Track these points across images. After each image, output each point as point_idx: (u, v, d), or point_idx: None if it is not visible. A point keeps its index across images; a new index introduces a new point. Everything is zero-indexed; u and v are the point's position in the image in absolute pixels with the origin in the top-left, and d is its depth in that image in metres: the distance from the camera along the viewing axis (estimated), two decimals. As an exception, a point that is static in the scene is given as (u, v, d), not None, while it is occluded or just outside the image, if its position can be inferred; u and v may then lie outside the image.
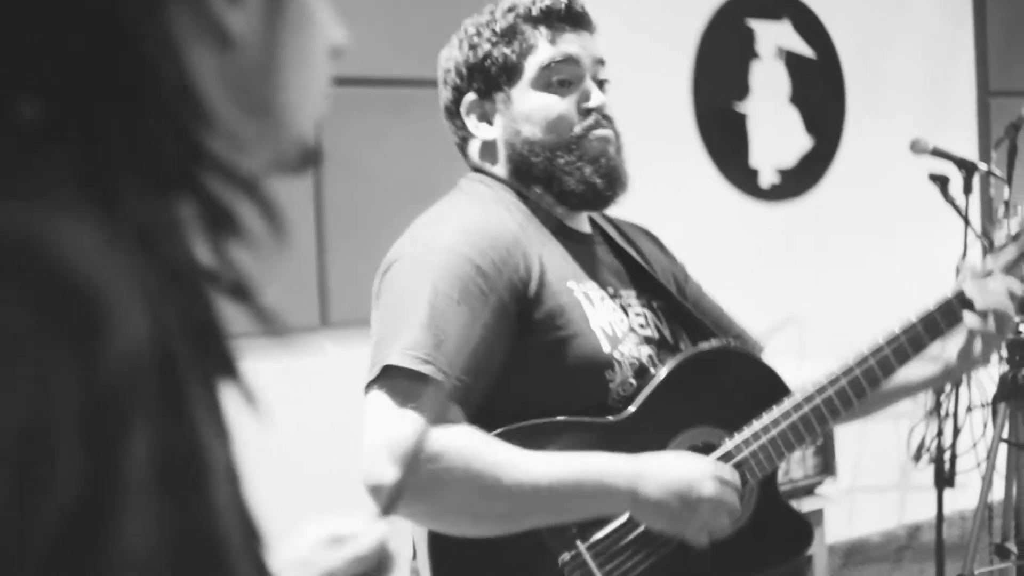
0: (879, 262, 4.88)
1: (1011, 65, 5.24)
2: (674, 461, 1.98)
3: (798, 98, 4.75)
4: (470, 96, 2.15)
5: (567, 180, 2.12)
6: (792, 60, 4.73)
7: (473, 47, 2.13)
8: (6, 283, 0.70)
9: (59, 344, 0.70)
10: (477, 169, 2.22)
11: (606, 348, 2.05)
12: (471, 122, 2.17)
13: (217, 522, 0.81)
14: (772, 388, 2.15)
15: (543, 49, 2.11)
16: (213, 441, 0.81)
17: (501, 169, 2.18)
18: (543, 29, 2.12)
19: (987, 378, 4.36)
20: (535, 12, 2.12)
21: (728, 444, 2.09)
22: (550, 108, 2.11)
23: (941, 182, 3.71)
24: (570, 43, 2.13)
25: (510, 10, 2.13)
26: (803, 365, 2.37)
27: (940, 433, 4.11)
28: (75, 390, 0.70)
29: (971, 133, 5.20)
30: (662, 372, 2.10)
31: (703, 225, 4.50)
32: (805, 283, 4.71)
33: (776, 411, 2.11)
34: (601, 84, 2.18)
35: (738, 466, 2.07)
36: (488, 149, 2.19)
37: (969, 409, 4.39)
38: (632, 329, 2.13)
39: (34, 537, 0.71)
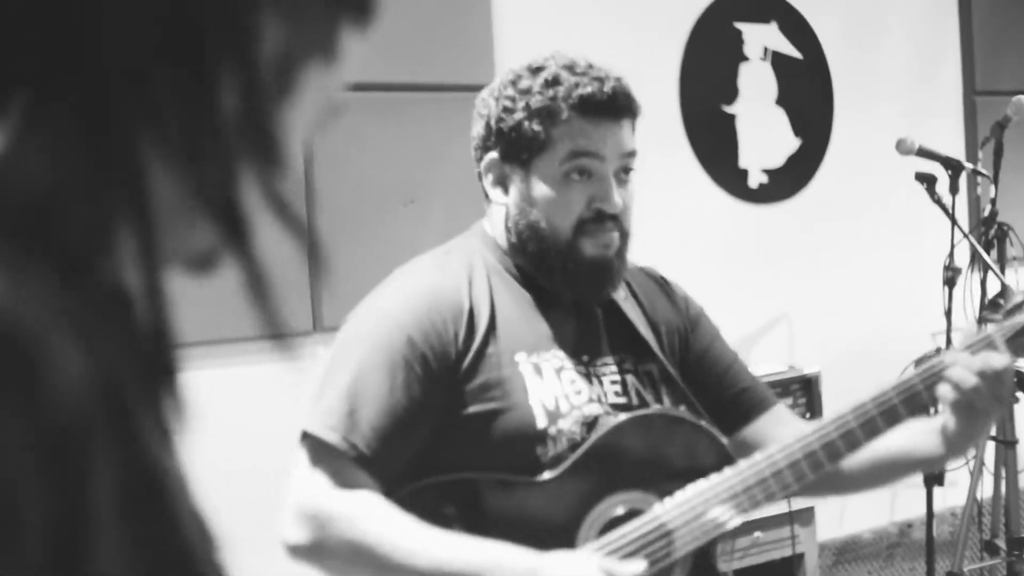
0: (867, 261, 4.90)
1: (997, 65, 5.26)
2: (564, 561, 1.90)
3: (786, 99, 4.76)
4: (493, 155, 2.13)
5: (551, 281, 2.10)
6: (779, 62, 4.75)
7: (508, 110, 2.09)
8: None
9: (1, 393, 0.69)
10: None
11: (541, 423, 2.03)
12: (487, 181, 2.15)
13: (182, 534, 0.81)
14: (713, 454, 2.09)
15: (572, 138, 2.06)
16: (167, 458, 0.81)
17: (499, 234, 2.17)
18: (579, 116, 2.07)
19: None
20: (574, 98, 2.06)
21: (657, 510, 2.02)
22: (559, 199, 2.07)
23: (928, 182, 3.73)
24: (602, 136, 2.08)
25: (551, 85, 2.07)
26: (793, 364, 2.40)
27: (929, 431, 4.12)
28: (25, 438, 0.69)
29: (957, 133, 5.22)
30: (596, 435, 2.06)
31: (692, 227, 4.52)
32: (794, 283, 4.73)
33: (714, 480, 2.03)
34: (627, 172, 2.14)
35: (667, 534, 2.01)
36: (496, 215, 2.17)
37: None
38: (593, 399, 2.09)
39: None
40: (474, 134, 2.16)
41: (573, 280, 2.09)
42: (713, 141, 4.60)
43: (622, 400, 2.12)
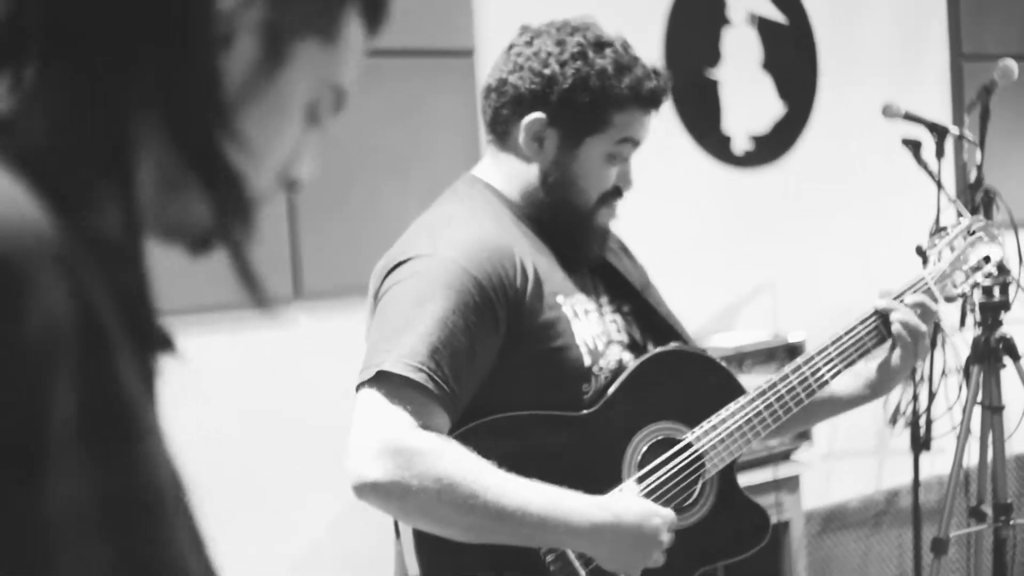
0: (853, 227, 4.87)
1: (983, 28, 5.23)
2: (624, 500, 2.13)
3: (771, 64, 4.73)
4: (539, 115, 2.23)
5: (564, 236, 2.29)
6: (764, 26, 4.71)
7: (580, 87, 2.20)
8: None
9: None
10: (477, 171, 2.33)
11: (587, 362, 2.21)
12: (524, 136, 2.24)
13: (151, 477, 0.83)
14: (728, 387, 2.36)
15: (628, 127, 2.24)
16: (144, 405, 0.84)
17: (513, 188, 2.29)
18: (639, 107, 2.24)
19: (961, 342, 4.37)
20: (643, 92, 2.23)
21: (689, 436, 2.28)
22: (598, 175, 2.26)
23: (914, 146, 3.71)
24: (645, 127, 2.29)
25: (622, 71, 2.21)
26: (778, 331, 2.45)
27: (915, 398, 4.12)
28: None
29: (944, 97, 5.19)
30: (626, 373, 2.26)
31: (677, 192, 4.49)
32: (779, 250, 4.71)
33: (732, 407, 2.31)
34: None
35: (699, 457, 2.26)
36: (516, 167, 2.28)
37: (944, 373, 4.39)
38: (610, 338, 2.28)
39: None
40: (516, 82, 2.23)
41: (585, 240, 2.31)
42: (697, 106, 4.56)
43: (622, 337, 2.33)
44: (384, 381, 2.03)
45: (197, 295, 3.21)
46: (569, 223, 2.28)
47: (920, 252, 2.69)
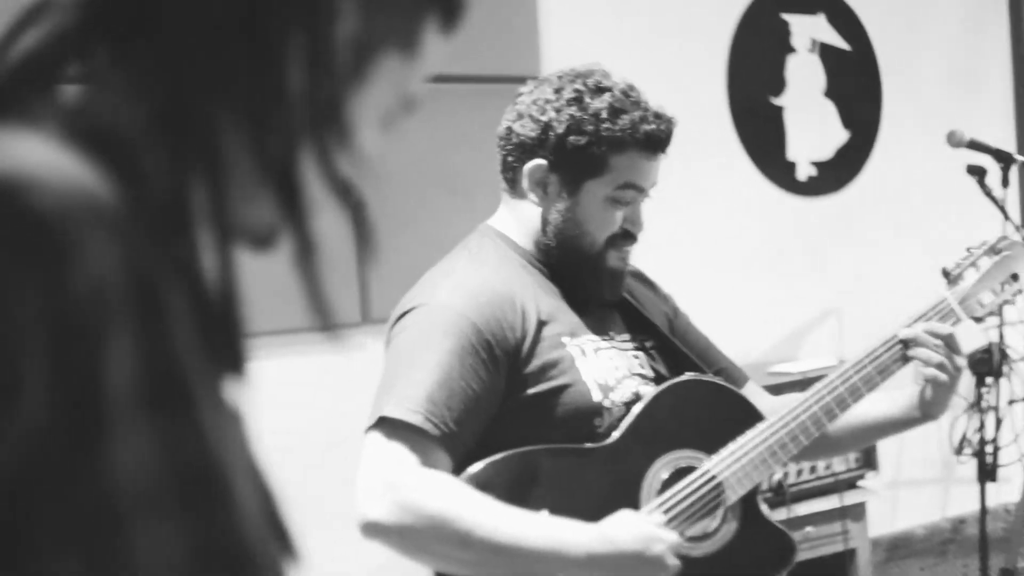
0: (917, 254, 4.83)
1: (1048, 55, 5.19)
2: (624, 521, 2.12)
3: (834, 91, 4.72)
4: (541, 162, 2.26)
5: (575, 280, 2.31)
6: (827, 53, 4.71)
7: (575, 131, 2.23)
8: None
9: (19, 268, 0.73)
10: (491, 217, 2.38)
11: (596, 397, 2.23)
12: (527, 183, 2.28)
13: (213, 448, 0.82)
14: (746, 414, 2.35)
15: (628, 171, 2.24)
16: (200, 371, 0.83)
17: (525, 234, 2.34)
18: (638, 151, 2.24)
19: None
20: (640, 134, 2.23)
21: (707, 464, 2.28)
22: (601, 219, 2.27)
23: (979, 174, 3.68)
24: (649, 172, 2.28)
25: (617, 114, 2.23)
26: (843, 358, 2.43)
27: (982, 426, 4.08)
28: (36, 311, 0.73)
29: (1008, 124, 5.16)
30: (641, 404, 2.27)
31: (740, 220, 4.49)
32: (844, 277, 4.68)
33: (751, 433, 2.30)
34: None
35: (717, 485, 2.27)
36: (525, 213, 2.32)
37: (1011, 402, 4.35)
38: (632, 372, 2.31)
39: (2, 459, 0.73)
40: (519, 130, 2.28)
41: (595, 282, 2.32)
42: (761, 134, 4.57)
43: (646, 372, 2.35)
44: (385, 425, 2.11)
45: (264, 318, 3.23)
46: (577, 266, 2.30)
47: (945, 274, 2.68)
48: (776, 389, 3.28)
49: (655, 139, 2.25)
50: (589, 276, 2.31)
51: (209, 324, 0.85)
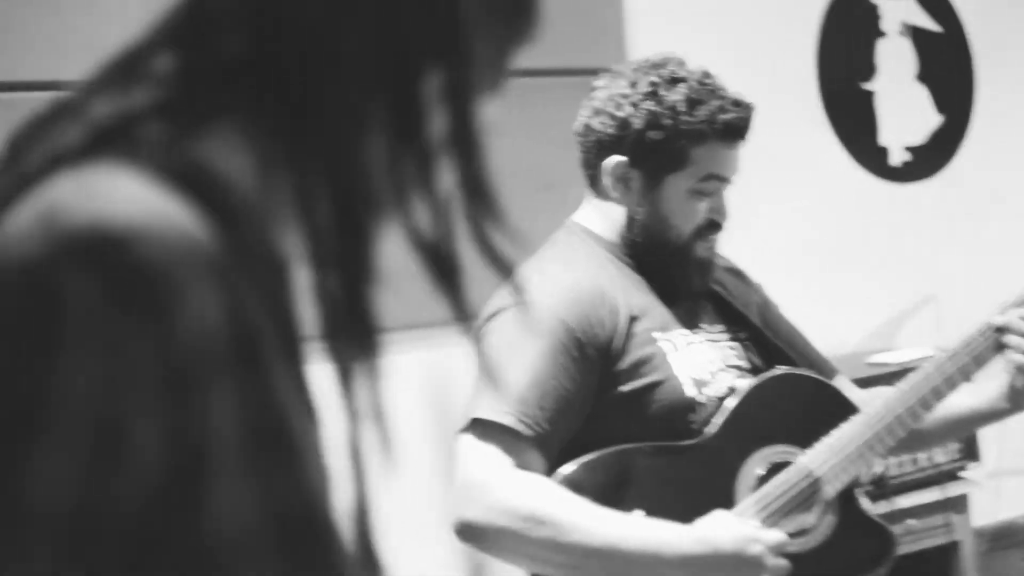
0: (1015, 238, 4.75)
1: None
2: (720, 522, 2.11)
3: (926, 74, 4.64)
4: (619, 158, 2.25)
5: (665, 273, 2.29)
6: (919, 36, 4.63)
7: (653, 125, 2.21)
8: (78, 269, 0.74)
9: (129, 322, 0.74)
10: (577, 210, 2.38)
11: (690, 392, 2.22)
12: (608, 180, 2.27)
13: (314, 491, 0.83)
14: (842, 407, 2.32)
15: (710, 162, 2.23)
16: (300, 418, 0.84)
17: (611, 230, 2.32)
18: (719, 141, 2.23)
19: None
20: (719, 124, 2.21)
21: (803, 459, 2.25)
22: (686, 211, 2.25)
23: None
24: (731, 161, 2.27)
25: (695, 105, 2.21)
26: (941, 347, 2.39)
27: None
28: (148, 364, 0.74)
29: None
30: (737, 398, 2.26)
31: (832, 206, 4.43)
32: (940, 263, 4.60)
33: (847, 427, 2.27)
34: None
35: (815, 480, 2.24)
36: (609, 209, 2.31)
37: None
38: (727, 365, 2.30)
39: (113, 514, 0.73)
40: (597, 127, 2.27)
41: (683, 274, 2.30)
42: (852, 119, 4.49)
43: (742, 363, 2.33)
44: (478, 427, 2.12)
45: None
46: (665, 260, 2.29)
47: None
48: (874, 380, 3.23)
49: (734, 128, 2.23)
50: (677, 268, 2.29)
51: (301, 369, 0.86)
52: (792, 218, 4.29)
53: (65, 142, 0.83)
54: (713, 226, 2.29)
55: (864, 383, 3.18)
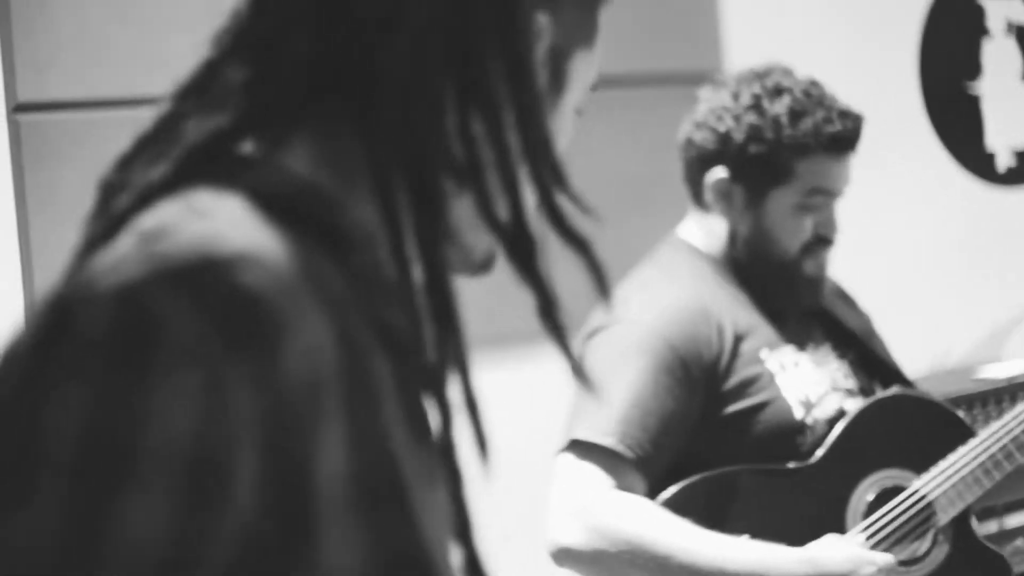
0: None
1: None
2: (831, 546, 2.06)
3: (1035, 75, 4.50)
4: (721, 171, 2.21)
5: (773, 290, 2.25)
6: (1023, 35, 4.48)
7: (755, 138, 2.16)
8: (178, 294, 0.69)
9: (231, 354, 0.69)
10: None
11: (798, 414, 2.17)
12: (711, 195, 2.23)
13: (423, 536, 0.78)
14: (957, 430, 2.27)
15: (815, 176, 2.19)
16: (412, 456, 0.79)
17: (715, 245, 2.26)
18: (825, 153, 2.18)
19: None
20: (824, 136, 2.16)
21: (916, 483, 2.20)
22: (792, 227, 2.20)
23: None
24: (839, 173, 2.21)
25: (799, 117, 2.15)
26: None
27: None
28: (249, 401, 0.69)
29: None
30: (845, 420, 2.20)
31: (935, 213, 4.30)
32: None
33: (962, 450, 2.21)
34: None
35: (928, 505, 2.18)
36: (713, 224, 2.26)
37: None
38: (835, 386, 2.25)
39: (208, 563, 0.67)
40: (698, 140, 2.23)
41: (791, 292, 2.26)
42: (957, 122, 4.36)
43: (852, 384, 2.28)
44: (578, 448, 2.08)
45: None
46: (772, 277, 2.25)
47: None
48: (982, 397, 3.13)
49: (841, 140, 2.19)
50: (785, 286, 2.25)
51: (415, 392, 0.82)
52: (894, 225, 4.17)
53: (157, 175, 0.80)
54: (822, 242, 2.24)
55: (971, 400, 3.08)
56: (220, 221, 0.74)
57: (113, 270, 0.71)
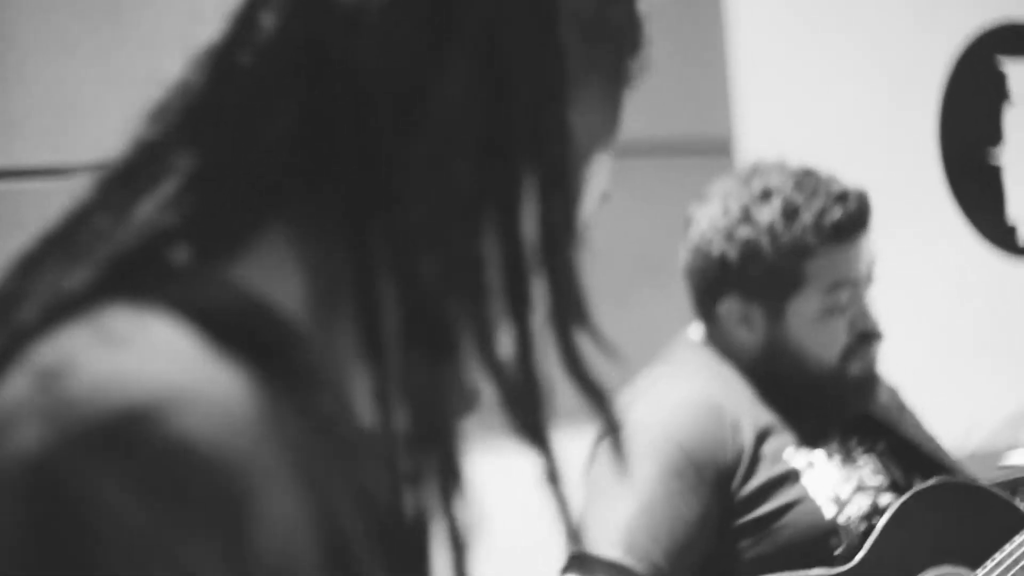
0: None
1: None
2: None
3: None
4: (731, 300, 2.09)
5: (814, 404, 2.11)
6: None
7: (751, 252, 2.04)
8: (102, 465, 0.55)
9: (182, 533, 0.56)
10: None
11: (829, 514, 2.05)
12: (729, 326, 2.10)
13: None
14: (1010, 516, 2.15)
15: (829, 271, 2.06)
16: None
17: (739, 355, 2.12)
18: (831, 245, 2.05)
19: None
20: (826, 229, 2.03)
21: None
22: (824, 335, 2.07)
23: None
24: (856, 258, 2.07)
25: (792, 215, 2.02)
26: None
27: None
28: None
29: None
30: (887, 515, 2.08)
31: (955, 288, 4.18)
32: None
33: (1019, 539, 2.08)
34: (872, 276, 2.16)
35: None
36: (738, 342, 2.12)
37: None
38: (862, 485, 2.11)
39: None
40: (695, 269, 2.12)
41: (840, 401, 2.13)
42: (978, 192, 4.26)
43: (881, 480, 2.15)
44: (581, 565, 1.96)
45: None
46: (814, 388, 2.13)
47: None
48: (1011, 486, 2.97)
49: (846, 226, 2.05)
50: (832, 400, 2.13)
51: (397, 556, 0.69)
52: (912, 302, 4.02)
53: (71, 283, 0.65)
54: (864, 338, 2.10)
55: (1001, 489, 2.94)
56: (149, 354, 0.59)
57: (12, 429, 0.57)
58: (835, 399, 2.13)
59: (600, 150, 0.79)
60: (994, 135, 4.29)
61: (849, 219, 2.05)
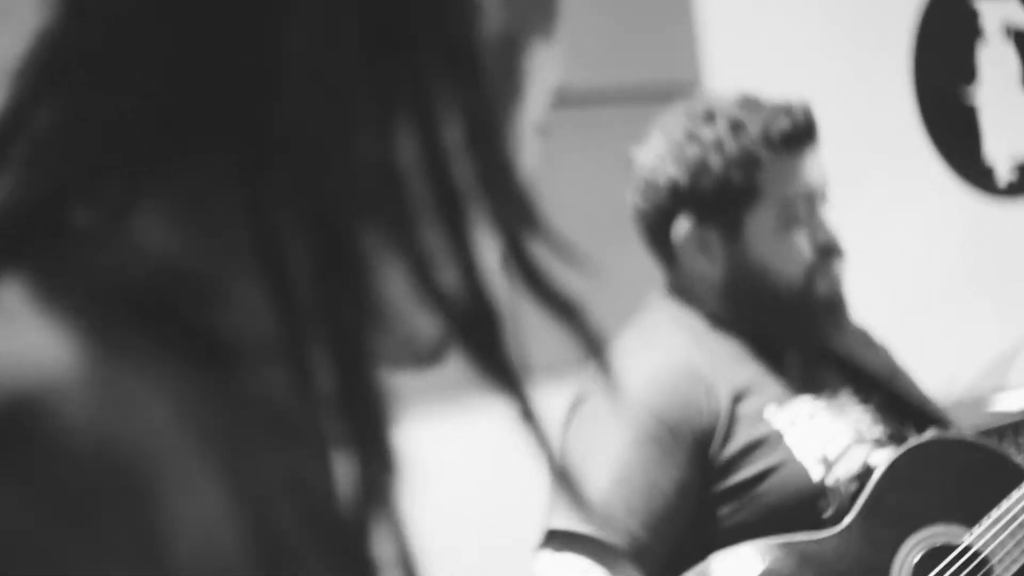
0: None
1: None
2: None
3: (1032, 81, 4.35)
4: (684, 223, 2.02)
5: (783, 331, 2.07)
6: (1022, 39, 4.34)
7: (700, 168, 1.98)
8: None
9: (93, 548, 0.51)
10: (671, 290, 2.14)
11: (816, 475, 1.98)
12: (686, 254, 2.04)
13: None
14: (1007, 473, 2.08)
15: (783, 183, 2.01)
16: None
17: (708, 293, 2.07)
18: (781, 156, 2.01)
19: None
20: (775, 138, 2.00)
21: (968, 538, 1.99)
22: (785, 252, 2.02)
23: None
24: (810, 171, 2.03)
25: (736, 129, 1.98)
26: None
27: None
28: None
29: None
30: (875, 476, 2.01)
31: (933, 230, 4.13)
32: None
33: (1016, 495, 2.02)
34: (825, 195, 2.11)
35: (983, 561, 1.98)
36: (700, 275, 2.06)
37: None
38: (859, 438, 2.05)
39: None
40: (645, 206, 2.07)
41: (809, 325, 2.08)
42: (954, 132, 4.20)
43: (880, 432, 2.09)
44: (556, 540, 1.89)
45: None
46: (786, 317, 2.06)
47: None
48: (999, 432, 2.94)
49: (794, 136, 2.00)
50: (804, 322, 2.06)
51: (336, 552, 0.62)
52: (888, 246, 4.01)
53: None
54: (826, 254, 2.04)
55: (988, 436, 2.91)
56: (19, 333, 0.54)
57: None
58: (806, 321, 2.06)
59: (538, 37, 0.70)
60: (968, 73, 4.25)
61: (796, 129, 2.01)
